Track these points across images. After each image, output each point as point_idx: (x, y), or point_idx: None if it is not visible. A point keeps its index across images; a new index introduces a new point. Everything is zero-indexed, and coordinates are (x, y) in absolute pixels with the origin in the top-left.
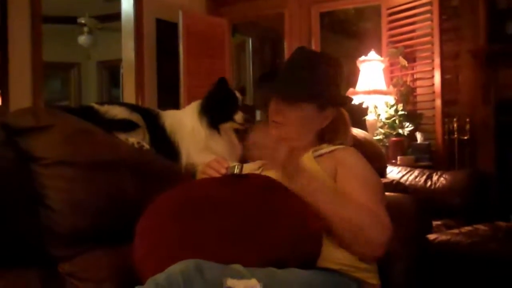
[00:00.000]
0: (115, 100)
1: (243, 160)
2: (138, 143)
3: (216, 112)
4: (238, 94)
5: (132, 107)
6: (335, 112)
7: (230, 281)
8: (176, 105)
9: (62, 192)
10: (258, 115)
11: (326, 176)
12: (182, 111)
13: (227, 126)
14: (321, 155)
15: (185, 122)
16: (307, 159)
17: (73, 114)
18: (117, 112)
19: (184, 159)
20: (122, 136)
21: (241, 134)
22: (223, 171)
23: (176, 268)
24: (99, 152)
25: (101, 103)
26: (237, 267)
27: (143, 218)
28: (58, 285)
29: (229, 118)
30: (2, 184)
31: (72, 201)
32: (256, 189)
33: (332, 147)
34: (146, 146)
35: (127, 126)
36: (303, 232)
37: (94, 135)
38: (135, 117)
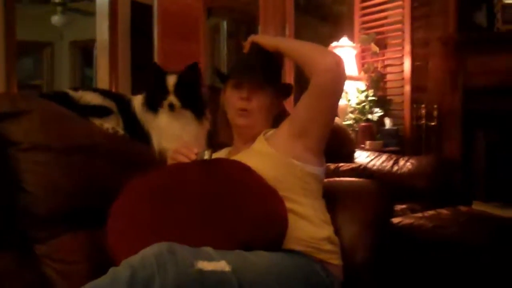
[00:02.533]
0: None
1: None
2: (113, 128)
3: (150, 99)
4: (170, 80)
5: (105, 93)
6: (283, 101)
7: (200, 263)
8: (147, 85)
9: (39, 175)
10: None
11: (276, 154)
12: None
13: (164, 111)
14: (271, 135)
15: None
16: (259, 142)
17: (48, 100)
18: (91, 98)
19: (156, 145)
20: (97, 122)
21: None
22: (193, 157)
23: (149, 251)
24: (74, 137)
25: (75, 89)
26: (208, 249)
27: (117, 202)
28: (34, 266)
29: (161, 104)
30: None
31: (48, 184)
32: (224, 173)
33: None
34: (121, 131)
35: (101, 112)
36: (269, 215)
37: (70, 120)
38: (109, 103)
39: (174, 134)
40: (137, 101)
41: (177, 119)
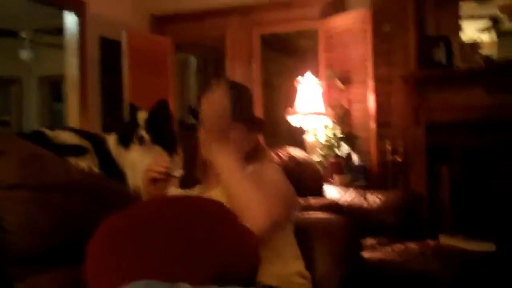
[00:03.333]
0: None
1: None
2: (88, 167)
3: (122, 134)
4: (141, 116)
5: (80, 132)
6: (257, 135)
7: None
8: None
9: (16, 214)
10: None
11: None
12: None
13: (135, 145)
14: None
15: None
16: None
17: (24, 138)
18: (67, 137)
19: (130, 182)
20: (72, 161)
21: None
22: (163, 168)
23: None
24: (51, 175)
25: (51, 128)
26: (184, 286)
27: (94, 239)
28: None
29: (132, 138)
30: None
31: (26, 222)
32: (197, 209)
33: (252, 167)
34: (96, 170)
35: (77, 151)
36: (242, 249)
37: (47, 159)
38: (84, 142)
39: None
40: (111, 139)
41: (148, 154)
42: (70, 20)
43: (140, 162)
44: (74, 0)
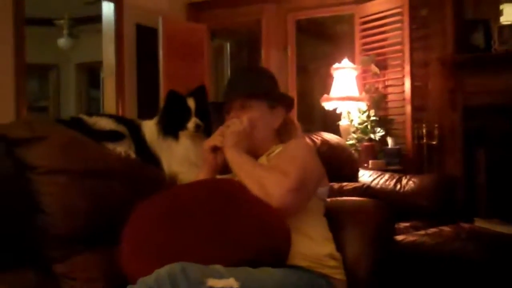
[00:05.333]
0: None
1: None
2: (125, 152)
3: (169, 124)
4: (190, 102)
5: (117, 119)
6: (285, 113)
7: (211, 281)
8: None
9: (56, 198)
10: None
11: None
12: (154, 124)
13: (187, 133)
14: (274, 156)
15: (156, 136)
16: (262, 161)
17: (64, 125)
18: (104, 123)
19: (166, 168)
20: (110, 146)
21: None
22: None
23: (163, 271)
24: (90, 161)
25: (89, 114)
26: (217, 267)
27: (128, 224)
28: (53, 284)
29: (183, 127)
30: (2, 191)
31: (65, 206)
32: (229, 193)
33: (282, 146)
34: (132, 155)
35: (114, 136)
36: (273, 232)
37: (86, 145)
38: (121, 128)
39: (189, 157)
40: (147, 126)
41: (196, 142)
42: (107, 7)
43: (187, 150)
44: None
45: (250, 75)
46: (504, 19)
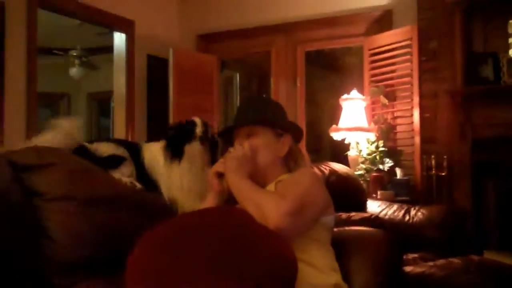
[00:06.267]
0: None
1: None
2: (131, 183)
3: (178, 137)
4: (197, 120)
5: (117, 141)
6: (292, 142)
7: None
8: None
9: (63, 225)
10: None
11: None
12: (158, 144)
13: (193, 148)
14: (281, 182)
15: (158, 157)
16: (269, 189)
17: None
18: (105, 148)
19: (165, 194)
20: (116, 175)
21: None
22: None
23: None
24: (97, 188)
25: (90, 142)
26: None
27: (134, 251)
28: None
29: (191, 135)
30: (10, 217)
31: (72, 233)
32: (235, 221)
33: (288, 175)
34: (138, 185)
35: (116, 161)
36: (279, 259)
37: (93, 172)
38: (121, 151)
39: (189, 184)
40: (148, 148)
41: (197, 162)
42: (119, 38)
43: (189, 174)
44: (123, 19)
45: (256, 104)
46: None
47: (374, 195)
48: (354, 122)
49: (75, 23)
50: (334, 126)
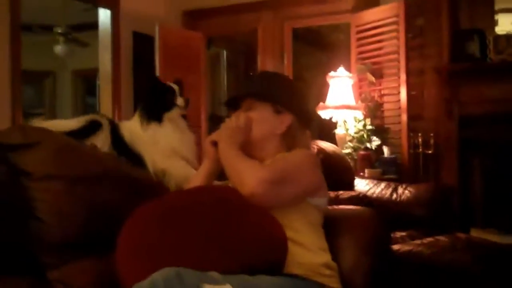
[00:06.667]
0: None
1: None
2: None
3: (154, 105)
4: (173, 85)
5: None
6: (292, 119)
7: (206, 287)
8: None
9: (50, 204)
10: None
11: None
12: (132, 120)
13: (172, 115)
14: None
15: (137, 131)
16: None
17: None
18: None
19: (150, 167)
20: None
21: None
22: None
23: (158, 275)
24: (83, 166)
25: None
26: (213, 274)
27: (124, 228)
28: None
29: (170, 105)
30: None
31: (59, 212)
32: (226, 200)
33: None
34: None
35: (91, 127)
36: (270, 239)
37: (79, 150)
38: (100, 118)
39: (174, 147)
40: (125, 125)
41: (179, 128)
42: (103, 15)
43: (172, 136)
44: None
45: (264, 78)
46: (499, 29)
47: (361, 174)
48: (342, 100)
49: None
50: (321, 104)
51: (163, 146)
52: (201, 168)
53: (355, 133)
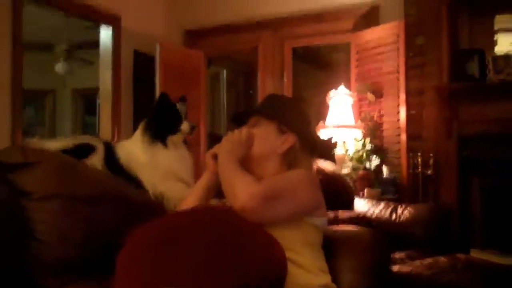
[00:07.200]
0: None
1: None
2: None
3: (160, 127)
4: (179, 106)
5: (94, 138)
6: (294, 141)
7: None
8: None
9: (49, 224)
10: None
11: None
12: (130, 140)
13: (175, 139)
14: None
15: (135, 153)
16: None
17: None
18: (81, 139)
19: (150, 190)
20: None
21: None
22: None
23: None
24: (83, 186)
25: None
26: None
27: (123, 250)
28: None
29: (176, 129)
30: None
31: (58, 233)
32: (225, 221)
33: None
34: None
35: (84, 150)
36: (270, 260)
37: (78, 169)
38: (95, 142)
39: (174, 171)
40: (121, 146)
41: (180, 149)
42: (105, 34)
43: (174, 160)
44: (109, 14)
45: (273, 99)
46: (499, 49)
47: (361, 193)
48: (341, 119)
49: (61, 18)
50: (321, 123)
51: (162, 169)
52: (201, 180)
53: (355, 153)
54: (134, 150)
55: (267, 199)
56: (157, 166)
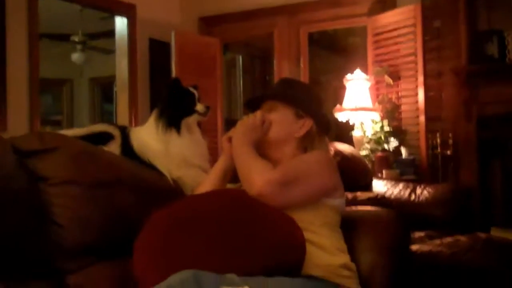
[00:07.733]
0: (107, 115)
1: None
2: None
3: (174, 111)
4: (193, 90)
5: (111, 124)
6: (311, 124)
7: None
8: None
9: (68, 209)
10: None
11: None
12: (144, 128)
13: (191, 121)
14: None
15: (149, 142)
16: None
17: None
18: (99, 127)
19: (167, 175)
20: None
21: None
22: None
23: (176, 278)
24: (101, 171)
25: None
26: (231, 276)
27: (142, 233)
28: None
29: (191, 110)
30: (15, 203)
31: (77, 217)
32: (244, 202)
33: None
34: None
35: (102, 138)
36: (288, 242)
37: (96, 155)
38: (113, 130)
39: (186, 157)
40: (134, 132)
41: (193, 134)
42: (120, 23)
43: (189, 146)
44: (124, 3)
45: (288, 83)
46: None
47: (379, 175)
48: (358, 102)
49: (76, 8)
50: (338, 106)
51: (176, 157)
52: (217, 164)
53: (373, 134)
54: (148, 139)
55: (284, 185)
56: (171, 154)
